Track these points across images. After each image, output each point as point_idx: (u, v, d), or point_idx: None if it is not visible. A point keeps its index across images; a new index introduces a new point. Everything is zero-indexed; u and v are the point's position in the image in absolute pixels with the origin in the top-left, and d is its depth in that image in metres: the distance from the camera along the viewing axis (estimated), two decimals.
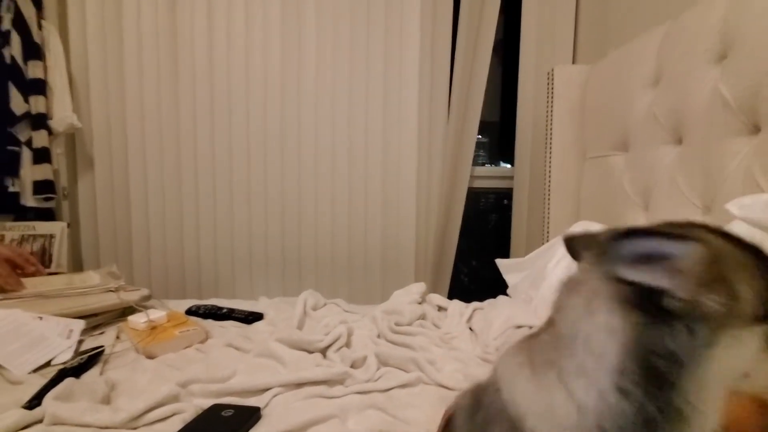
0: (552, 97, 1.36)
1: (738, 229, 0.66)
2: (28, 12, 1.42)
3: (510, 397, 0.30)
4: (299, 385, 0.74)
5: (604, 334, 0.26)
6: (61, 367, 0.80)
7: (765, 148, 0.74)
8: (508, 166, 1.87)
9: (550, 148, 1.38)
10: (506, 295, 1.22)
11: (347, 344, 0.91)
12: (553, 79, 1.36)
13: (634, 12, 1.30)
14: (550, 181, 1.38)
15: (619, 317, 0.26)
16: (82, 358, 0.81)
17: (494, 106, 1.90)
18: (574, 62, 1.60)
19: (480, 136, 1.93)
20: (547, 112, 1.39)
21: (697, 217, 0.87)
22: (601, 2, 1.49)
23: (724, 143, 0.81)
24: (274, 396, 0.72)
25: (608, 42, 1.41)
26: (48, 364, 0.83)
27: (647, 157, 1.01)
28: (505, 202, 1.86)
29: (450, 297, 1.23)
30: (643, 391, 0.25)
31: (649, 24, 1.07)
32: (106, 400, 0.70)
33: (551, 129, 1.37)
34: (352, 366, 0.82)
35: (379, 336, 0.95)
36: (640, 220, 1.03)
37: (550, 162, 1.39)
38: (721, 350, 0.25)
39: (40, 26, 1.45)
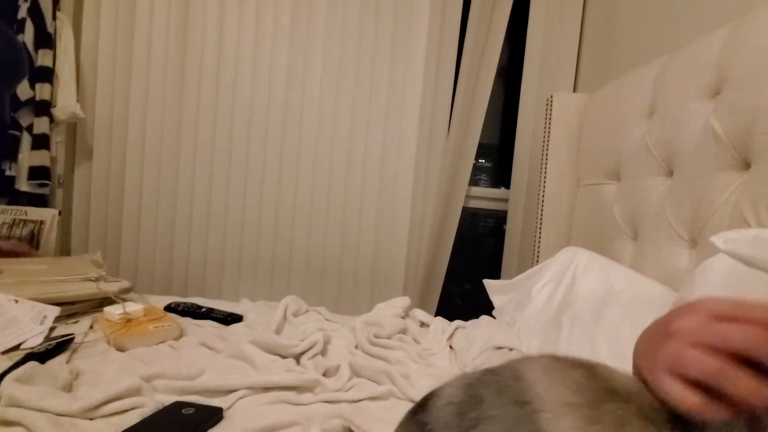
0: (549, 124, 1.38)
1: (721, 262, 0.66)
2: (45, 2, 1.45)
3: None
4: (267, 389, 0.72)
5: None
6: (29, 351, 0.78)
7: (754, 183, 0.74)
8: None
9: (545, 173, 1.38)
10: (491, 315, 1.20)
11: (323, 352, 0.90)
12: (551, 106, 1.37)
13: (635, 44, 1.33)
14: (543, 206, 1.38)
15: None
16: (50, 345, 0.80)
17: (495, 129, 1.92)
18: (575, 90, 1.62)
19: (483, 160, 1.94)
20: (544, 138, 1.40)
21: (684, 251, 0.86)
22: (604, 33, 1.51)
23: (713, 177, 0.80)
24: (240, 398, 0.70)
25: (609, 72, 1.43)
26: (17, 347, 0.82)
27: (638, 188, 1.01)
28: (504, 227, 1.86)
29: (441, 316, 1.20)
30: None
31: (650, 56, 1.09)
32: (68, 388, 0.68)
33: (547, 155, 1.38)
34: (325, 374, 0.80)
35: (356, 347, 0.94)
36: (628, 249, 1.02)
37: (544, 187, 1.39)
38: None
39: (54, 17, 1.49)
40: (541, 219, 1.38)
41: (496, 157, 1.97)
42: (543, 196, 1.38)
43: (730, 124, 0.79)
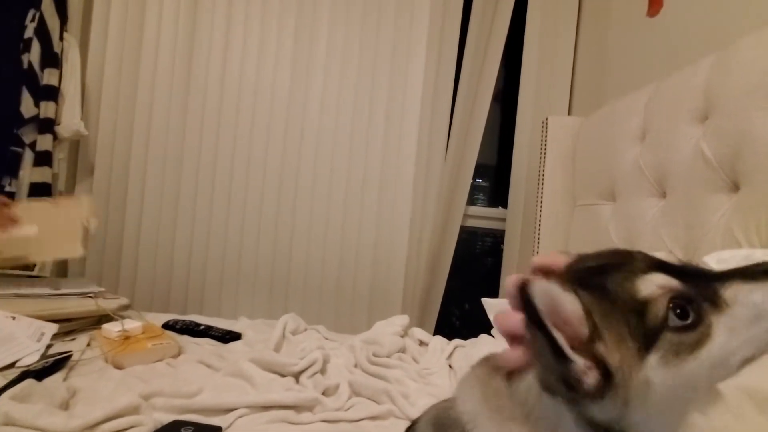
0: (545, 145, 1.41)
1: None
2: (53, 23, 1.49)
3: None
4: (266, 408, 0.72)
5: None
6: (25, 369, 0.78)
7: (743, 205, 0.76)
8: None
9: (542, 193, 1.41)
10: (491, 335, 1.20)
11: (322, 371, 0.89)
12: (547, 129, 1.41)
13: (627, 70, 1.38)
14: (540, 226, 1.40)
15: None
16: (47, 362, 0.79)
17: (492, 149, 1.96)
18: (569, 113, 1.66)
19: (480, 180, 1.97)
20: (541, 159, 1.43)
21: None
22: (597, 59, 1.57)
23: (705, 199, 0.83)
24: (239, 417, 0.69)
25: (602, 97, 1.47)
26: (13, 365, 0.81)
27: (633, 208, 1.03)
28: (502, 246, 1.87)
29: (440, 335, 1.20)
30: None
31: (639, 83, 1.13)
32: (65, 406, 0.68)
33: (543, 176, 1.41)
34: (324, 393, 0.80)
35: (355, 365, 0.93)
36: None
37: (541, 207, 1.41)
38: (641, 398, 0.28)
39: (61, 37, 1.52)
40: (538, 238, 1.40)
41: (494, 177, 2.00)
42: (540, 215, 1.40)
43: (718, 147, 0.82)
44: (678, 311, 0.28)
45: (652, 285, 0.29)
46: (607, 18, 1.53)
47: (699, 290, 0.29)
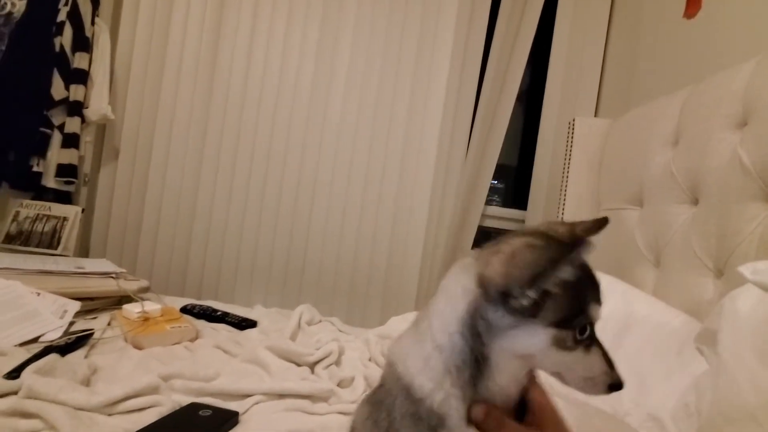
0: (571, 147, 1.38)
1: (749, 293, 0.65)
2: (85, 8, 1.52)
3: (404, 368, 0.37)
4: (282, 396, 0.72)
5: (460, 290, 0.37)
6: (48, 344, 0.79)
7: None
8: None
9: (565, 196, 1.38)
10: None
11: (337, 362, 0.89)
12: (573, 130, 1.38)
13: (658, 73, 1.34)
14: None
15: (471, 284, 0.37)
16: (69, 338, 0.81)
17: (513, 150, 1.93)
18: (596, 115, 1.63)
19: (496, 182, 1.94)
20: (565, 161, 1.40)
21: (708, 280, 0.85)
22: (627, 61, 1.53)
23: (740, 207, 0.80)
24: (255, 403, 0.69)
25: (631, 99, 1.43)
26: (36, 340, 0.83)
27: (662, 214, 1.00)
28: None
29: None
30: (471, 339, 0.36)
31: (672, 86, 1.09)
32: (86, 383, 0.69)
33: (567, 178, 1.38)
34: (339, 385, 0.80)
35: (370, 359, 0.93)
36: (650, 276, 1.01)
37: (563, 210, 1.38)
38: (519, 332, 0.35)
39: (93, 22, 1.55)
40: None
41: (513, 179, 1.97)
42: (562, 218, 1.37)
43: (757, 155, 0.79)
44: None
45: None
46: (639, 18, 1.49)
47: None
